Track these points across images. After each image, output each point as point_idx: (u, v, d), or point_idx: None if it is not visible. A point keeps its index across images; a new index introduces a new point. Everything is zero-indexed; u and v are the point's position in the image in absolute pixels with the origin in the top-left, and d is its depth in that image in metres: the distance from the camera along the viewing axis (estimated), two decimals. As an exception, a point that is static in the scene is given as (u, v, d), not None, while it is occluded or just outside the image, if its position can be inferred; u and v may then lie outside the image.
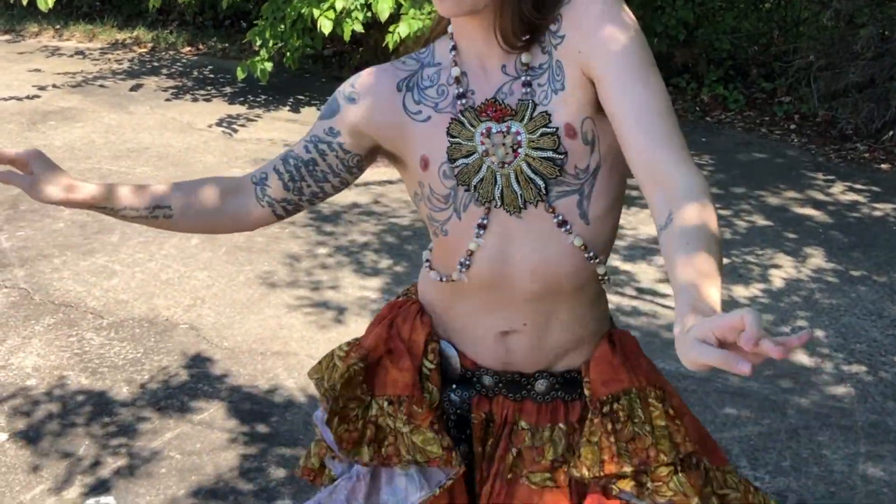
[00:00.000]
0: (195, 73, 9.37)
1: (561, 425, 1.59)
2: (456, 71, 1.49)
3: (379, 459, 1.61)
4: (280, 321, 4.20)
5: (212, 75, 9.28)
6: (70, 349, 3.90)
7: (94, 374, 3.72)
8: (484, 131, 1.47)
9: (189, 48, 10.54)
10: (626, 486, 1.50)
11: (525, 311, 1.55)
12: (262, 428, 3.42)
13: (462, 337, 1.62)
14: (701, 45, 8.78)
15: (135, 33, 10.94)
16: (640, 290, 4.63)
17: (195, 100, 8.42)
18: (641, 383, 1.56)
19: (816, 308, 4.48)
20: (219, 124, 7.57)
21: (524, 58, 1.45)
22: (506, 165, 1.46)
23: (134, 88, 8.65)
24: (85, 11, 11.81)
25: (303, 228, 5.29)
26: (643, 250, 5.15)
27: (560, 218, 1.47)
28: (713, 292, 1.14)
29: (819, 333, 4.23)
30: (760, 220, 5.69)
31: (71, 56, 9.91)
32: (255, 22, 7.56)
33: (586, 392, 1.57)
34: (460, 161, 1.49)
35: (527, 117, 1.44)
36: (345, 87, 1.58)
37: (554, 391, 1.60)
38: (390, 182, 6.03)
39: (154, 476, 3.12)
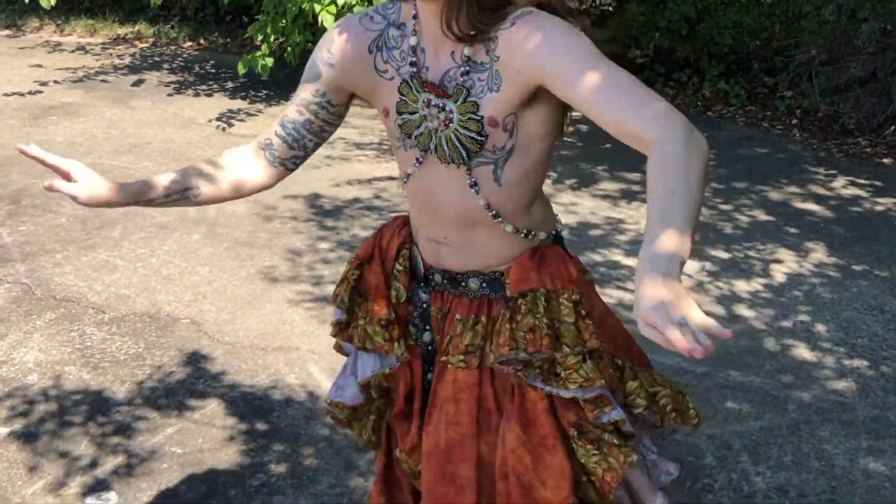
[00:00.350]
0: (196, 68, 9.37)
1: (483, 318, 1.85)
2: (413, 41, 1.74)
3: (349, 340, 2.03)
4: (281, 316, 4.20)
5: (213, 70, 9.28)
6: (71, 344, 3.90)
7: (95, 369, 3.72)
8: (426, 100, 1.74)
9: (190, 43, 10.54)
10: (533, 374, 1.76)
11: (446, 231, 1.85)
12: (262, 423, 3.42)
13: (419, 241, 1.93)
14: (702, 40, 8.77)
15: (136, 28, 10.94)
16: (642, 285, 4.62)
17: (196, 95, 8.42)
18: (553, 285, 1.79)
19: (818, 302, 4.48)
20: (220, 119, 7.57)
21: (467, 51, 1.68)
22: (438, 131, 1.74)
23: (135, 84, 8.65)
24: (86, 6, 11.80)
25: (304, 223, 5.29)
26: (644, 245, 5.14)
27: (472, 180, 1.76)
28: (670, 242, 1.30)
29: (820, 328, 4.23)
30: (762, 215, 5.69)
31: (72, 51, 9.91)
32: (256, 17, 7.56)
33: (508, 292, 1.83)
34: (405, 115, 1.78)
35: (459, 101, 1.70)
36: (322, 53, 1.82)
37: (482, 289, 1.87)
38: (391, 178, 6.03)
39: (155, 471, 3.13)
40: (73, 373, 3.68)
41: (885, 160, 6.89)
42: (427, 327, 1.94)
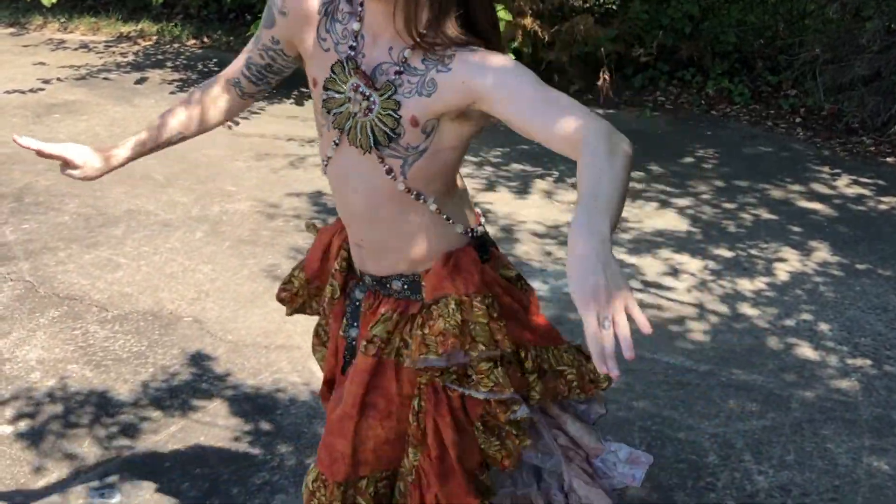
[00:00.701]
0: (200, 66, 9.37)
1: (397, 315, 1.96)
2: (356, 26, 1.83)
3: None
4: (284, 315, 4.19)
5: (216, 68, 9.28)
6: (74, 342, 3.90)
7: (98, 367, 3.72)
8: (354, 85, 1.83)
9: (194, 41, 10.54)
10: (449, 378, 1.89)
11: (361, 229, 1.97)
12: (265, 421, 3.42)
13: (350, 244, 2.06)
14: (706, 39, 8.75)
15: (139, 26, 10.94)
16: (646, 283, 4.62)
17: (200, 93, 8.41)
18: (466, 290, 1.89)
19: (821, 301, 4.48)
20: (223, 117, 7.55)
21: (406, 53, 1.78)
22: (357, 116, 1.83)
23: (139, 82, 8.64)
24: (90, 4, 11.80)
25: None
26: (648, 244, 5.15)
27: (388, 167, 1.85)
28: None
29: (824, 327, 4.22)
30: (765, 214, 5.68)
31: (75, 49, 9.91)
32: (259, 15, 7.55)
33: (424, 295, 1.95)
34: (331, 92, 1.87)
35: (385, 96, 1.80)
36: (277, 0, 1.93)
37: (404, 290, 1.99)
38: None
39: (157, 469, 3.13)
40: (76, 371, 3.68)
41: (888, 159, 6.88)
42: (355, 324, 2.08)
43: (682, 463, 3.21)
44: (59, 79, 8.52)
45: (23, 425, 3.32)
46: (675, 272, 4.78)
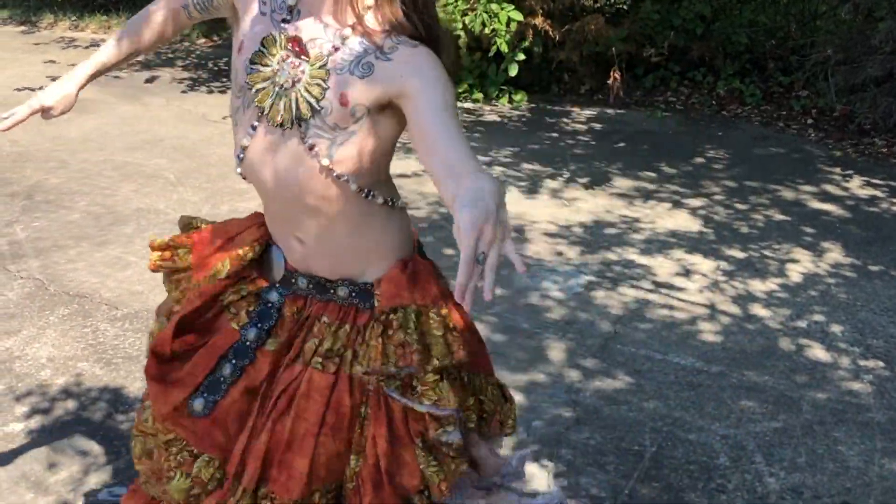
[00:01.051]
0: (210, 64, 9.38)
1: (347, 326, 1.88)
2: (292, 1, 1.82)
3: None
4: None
5: (226, 67, 9.28)
6: (84, 340, 3.90)
7: (108, 364, 3.72)
8: (283, 56, 1.80)
9: (204, 40, 10.56)
10: (393, 385, 1.82)
11: (297, 221, 1.88)
12: (275, 420, 3.41)
13: (280, 243, 1.96)
14: (717, 39, 8.74)
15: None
16: (657, 284, 4.61)
17: (210, 92, 8.43)
18: (424, 301, 1.84)
19: (833, 303, 4.46)
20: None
21: (346, 32, 1.78)
22: (282, 89, 1.79)
23: (149, 80, 8.66)
24: (101, 3, 11.82)
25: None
26: (660, 244, 5.13)
27: (309, 143, 1.78)
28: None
29: (836, 328, 4.20)
30: (777, 215, 5.66)
31: (86, 47, 9.93)
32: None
33: (375, 303, 1.86)
34: (257, 65, 1.82)
35: (315, 66, 1.77)
36: None
37: (352, 298, 1.90)
38: (405, 175, 6.02)
39: (168, 467, 3.12)
40: (87, 368, 3.68)
41: (900, 160, 6.86)
42: (259, 325, 1.93)
43: (693, 464, 3.20)
44: (69, 77, 8.53)
45: (34, 422, 3.32)
46: (686, 273, 4.76)
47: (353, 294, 1.90)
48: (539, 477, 3.08)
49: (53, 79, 8.03)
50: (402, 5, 1.78)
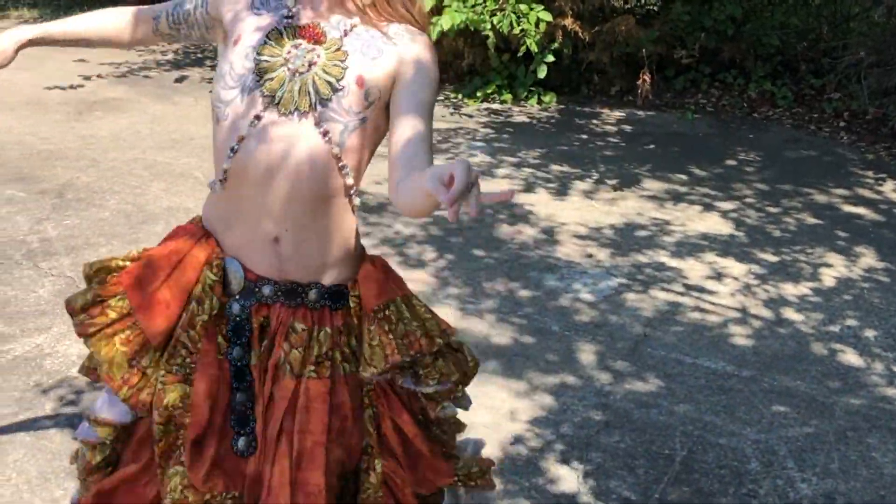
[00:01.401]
0: (240, 64, 9.40)
1: (327, 328, 1.87)
2: (291, 1, 1.88)
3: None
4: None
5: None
6: (114, 338, 3.90)
7: (138, 362, 3.72)
8: (296, 44, 1.84)
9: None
10: (406, 376, 1.89)
11: (286, 215, 1.83)
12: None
13: (245, 252, 1.88)
14: (748, 41, 8.68)
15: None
16: (688, 287, 4.58)
17: (239, 91, 8.44)
18: (403, 290, 1.92)
19: (866, 307, 4.41)
20: (263, 116, 7.58)
21: (354, 20, 1.86)
22: (296, 75, 1.81)
23: (178, 80, 8.69)
24: (131, 2, 11.89)
25: (346, 220, 5.28)
26: (691, 247, 5.10)
27: (324, 129, 1.80)
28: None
29: (869, 333, 4.16)
30: (809, 219, 5.61)
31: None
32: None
33: (352, 304, 1.89)
34: (265, 56, 1.83)
35: (332, 49, 1.83)
36: None
37: (323, 300, 1.88)
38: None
39: (197, 466, 3.12)
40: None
41: (934, 164, 6.78)
42: (238, 342, 1.87)
43: (724, 469, 3.17)
44: (99, 76, 8.58)
45: (63, 419, 3.33)
46: (718, 276, 4.73)
47: (325, 296, 1.89)
48: (568, 479, 3.06)
49: (85, 78, 8.07)
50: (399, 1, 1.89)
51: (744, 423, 3.44)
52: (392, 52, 1.84)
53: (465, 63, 8.42)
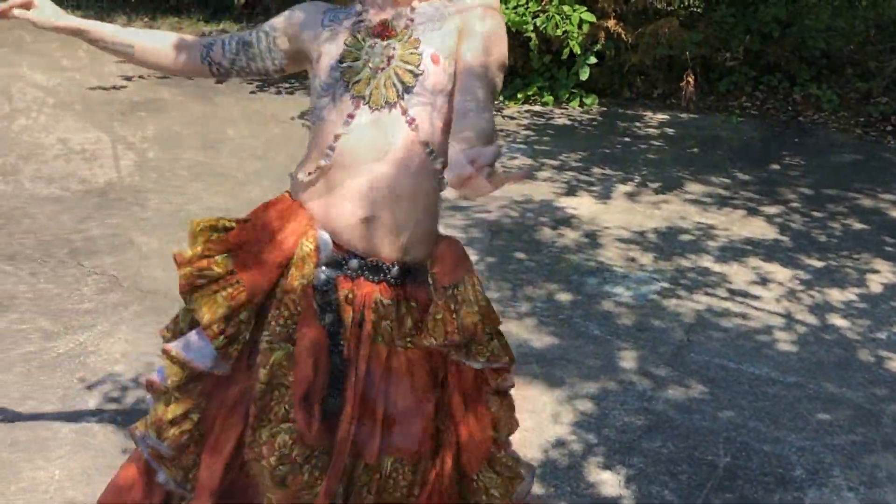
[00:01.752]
0: (281, 66, 9.44)
1: (412, 302, 2.02)
2: (359, 7, 2.05)
3: None
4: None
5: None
6: (157, 336, 3.92)
7: (179, 361, 3.73)
8: (371, 45, 2.00)
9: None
10: (460, 352, 1.99)
11: (377, 199, 1.96)
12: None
13: (335, 227, 2.00)
14: (793, 43, 8.59)
15: (221, 26, 11.07)
16: (732, 292, 4.53)
17: (278, 92, 8.49)
18: (472, 275, 2.03)
19: (914, 314, 4.35)
20: (301, 117, 7.61)
21: (414, 4, 2.01)
22: (378, 72, 1.97)
23: (219, 81, 8.73)
24: (172, 5, 11.97)
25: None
26: (735, 251, 5.05)
27: (411, 116, 1.95)
28: None
29: (917, 341, 4.10)
30: (856, 224, 5.54)
31: (160, 48, 10.05)
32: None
33: (430, 280, 2.01)
34: (347, 63, 1.99)
35: (404, 39, 1.98)
36: (292, 9, 2.14)
37: (403, 276, 2.02)
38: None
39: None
40: (159, 364, 3.69)
41: (984, 169, 6.67)
42: (329, 309, 2.01)
43: (768, 476, 3.12)
44: (141, 76, 8.64)
45: (106, 416, 3.35)
46: (762, 281, 4.67)
47: (406, 273, 2.03)
48: (610, 484, 3.03)
49: (127, 79, 8.13)
50: None
51: (788, 429, 3.40)
52: (452, 12, 1.99)
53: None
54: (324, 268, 2.01)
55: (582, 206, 5.69)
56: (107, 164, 6.12)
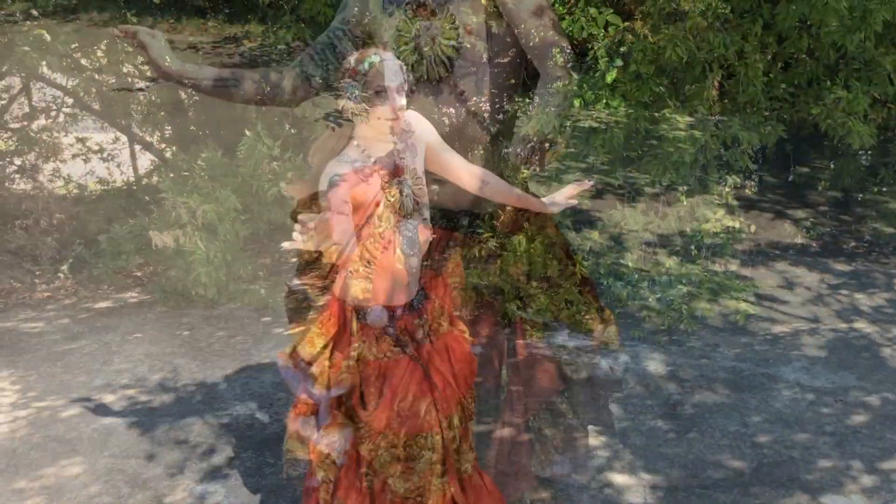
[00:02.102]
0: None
1: (476, 250, 2.57)
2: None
3: None
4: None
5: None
6: (181, 337, 3.93)
7: (204, 362, 3.74)
8: (416, 29, 2.39)
9: (299, 43, 10.65)
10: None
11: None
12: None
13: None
14: (819, 46, 8.52)
15: (245, 28, 11.09)
16: (759, 297, 4.49)
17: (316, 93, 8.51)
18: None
19: (945, 320, 4.30)
20: (326, 118, 7.61)
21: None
22: (426, 49, 2.37)
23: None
24: (197, 6, 12.01)
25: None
26: (762, 255, 5.01)
27: (460, 89, 2.37)
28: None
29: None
30: (885, 228, 5.50)
31: (183, 49, 10.09)
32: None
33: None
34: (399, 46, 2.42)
35: (441, 17, 2.34)
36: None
37: (471, 227, 2.57)
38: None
39: (263, 465, 3.11)
40: (183, 365, 3.71)
41: None
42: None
43: (794, 482, 3.09)
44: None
45: (131, 416, 3.35)
46: (790, 285, 4.63)
47: (473, 222, 2.51)
48: (636, 490, 3.01)
49: (153, 80, 8.11)
50: None
51: (815, 434, 3.36)
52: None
53: (531, 67, 8.38)
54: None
55: (607, 208, 5.67)
56: (125, 163, 6.13)
